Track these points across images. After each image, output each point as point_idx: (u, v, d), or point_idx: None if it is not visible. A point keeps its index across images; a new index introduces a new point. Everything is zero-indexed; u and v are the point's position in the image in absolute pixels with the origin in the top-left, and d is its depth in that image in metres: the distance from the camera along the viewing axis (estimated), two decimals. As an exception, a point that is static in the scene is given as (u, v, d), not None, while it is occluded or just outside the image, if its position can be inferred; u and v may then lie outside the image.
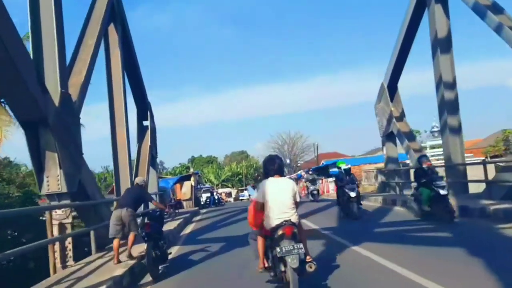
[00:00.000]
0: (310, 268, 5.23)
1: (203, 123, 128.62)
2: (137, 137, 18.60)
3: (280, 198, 5.41)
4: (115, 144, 15.06)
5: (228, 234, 13.08)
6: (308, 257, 5.37)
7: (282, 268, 5.17)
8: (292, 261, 4.97)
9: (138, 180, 9.59)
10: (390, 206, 16.67)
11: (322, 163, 54.31)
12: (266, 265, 5.64)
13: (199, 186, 39.88)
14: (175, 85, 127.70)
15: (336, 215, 14.83)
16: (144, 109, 19.33)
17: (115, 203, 11.01)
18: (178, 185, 28.62)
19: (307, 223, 13.16)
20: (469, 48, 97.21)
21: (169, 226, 14.43)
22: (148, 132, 18.82)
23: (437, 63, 16.44)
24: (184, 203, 27.19)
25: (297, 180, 36.19)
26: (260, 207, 5.55)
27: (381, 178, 22.86)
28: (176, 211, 20.59)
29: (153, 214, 8.80)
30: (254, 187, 16.39)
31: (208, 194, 39.91)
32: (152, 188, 18.50)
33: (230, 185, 72.17)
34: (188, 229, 16.38)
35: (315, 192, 24.09)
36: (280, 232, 5.17)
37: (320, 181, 33.24)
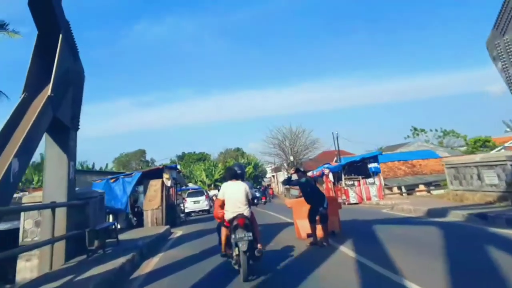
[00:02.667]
0: (258, 253, 6.78)
1: (197, 124, 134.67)
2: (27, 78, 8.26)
3: (234, 196, 7.12)
4: None
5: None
6: (259, 245, 6.90)
7: (236, 252, 6.66)
8: (243, 246, 6.51)
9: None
10: None
11: (334, 160, 44.43)
12: (228, 250, 7.10)
13: (181, 188, 29.89)
14: (171, 88, 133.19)
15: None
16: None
17: None
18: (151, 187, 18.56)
19: None
20: None
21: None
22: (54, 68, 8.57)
23: None
24: (149, 215, 17.19)
25: (321, 178, 26.56)
26: (221, 204, 7.27)
27: None
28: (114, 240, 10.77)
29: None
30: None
31: (199, 198, 30.10)
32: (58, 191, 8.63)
33: (224, 186, 62.23)
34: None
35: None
36: (235, 222, 6.80)
37: (357, 182, 23.45)
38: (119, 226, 17.42)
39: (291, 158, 63.52)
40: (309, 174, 34.13)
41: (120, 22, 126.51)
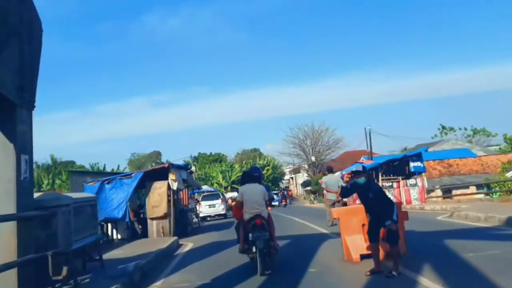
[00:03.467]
0: (273, 251, 7.36)
1: (213, 124, 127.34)
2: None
3: (252, 198, 7.49)
4: None
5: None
6: (274, 243, 7.44)
7: (253, 250, 7.14)
8: (260, 244, 6.96)
9: None
10: None
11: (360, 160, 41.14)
12: (246, 246, 7.39)
13: (193, 191, 27.10)
14: (185, 86, 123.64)
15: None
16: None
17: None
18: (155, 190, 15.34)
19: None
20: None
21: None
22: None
23: None
24: (154, 225, 14.28)
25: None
26: (240, 205, 7.61)
27: None
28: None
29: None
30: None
31: (215, 202, 27.31)
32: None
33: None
34: None
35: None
36: (252, 222, 7.23)
37: (396, 184, 20.26)
38: (119, 237, 14.63)
39: (313, 158, 60.21)
40: (337, 174, 31.02)
41: (130, 14, 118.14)
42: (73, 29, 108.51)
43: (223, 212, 28.48)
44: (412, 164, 19.98)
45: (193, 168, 57.01)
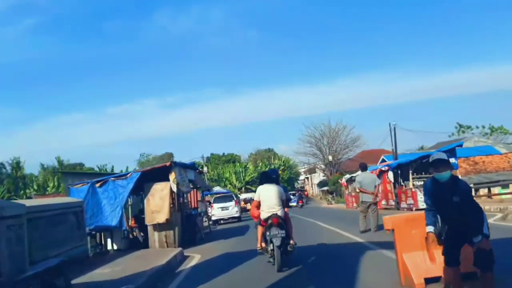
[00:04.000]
0: (290, 248, 7.63)
1: (225, 125, 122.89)
2: None
3: (269, 198, 7.74)
4: None
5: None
6: (291, 241, 7.72)
7: (271, 247, 7.45)
8: (276, 241, 7.28)
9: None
10: None
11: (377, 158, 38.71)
12: (264, 245, 7.75)
13: (206, 193, 25.03)
14: (197, 87, 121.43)
15: None
16: None
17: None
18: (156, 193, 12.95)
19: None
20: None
21: None
22: None
23: None
24: (156, 235, 12.23)
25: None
26: (258, 205, 7.92)
27: None
28: None
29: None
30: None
31: (228, 204, 25.41)
32: None
33: (255, 188, 57.30)
34: None
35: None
36: (269, 221, 7.51)
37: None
38: (115, 247, 12.63)
39: (330, 157, 57.70)
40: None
41: (140, 13, 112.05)
42: (82, 29, 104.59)
43: (237, 214, 26.37)
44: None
45: (205, 169, 55.26)
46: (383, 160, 38.61)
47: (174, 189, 12.17)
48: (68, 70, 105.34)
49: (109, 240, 12.70)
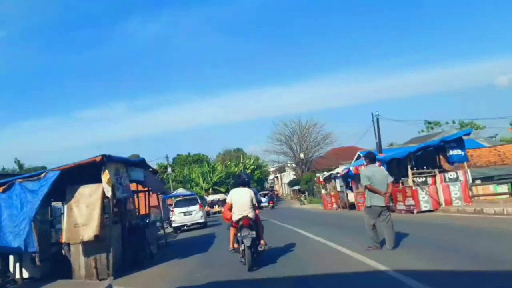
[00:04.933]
0: (260, 248, 7.96)
1: (196, 127, 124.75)
2: None
3: (241, 201, 8.05)
4: None
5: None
6: (262, 241, 8.09)
7: (242, 247, 7.72)
8: (247, 242, 7.57)
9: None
10: None
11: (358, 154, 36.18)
12: (236, 245, 8.07)
13: (167, 196, 21.67)
14: (168, 90, 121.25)
15: None
16: None
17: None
18: (81, 199, 9.44)
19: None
20: None
21: None
22: None
23: None
24: (79, 256, 8.76)
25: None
26: (230, 207, 8.19)
27: None
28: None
29: None
30: None
31: (191, 208, 22.35)
32: None
33: (224, 190, 53.70)
34: None
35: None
36: (240, 223, 7.79)
37: (431, 179, 15.09)
38: (25, 275, 9.14)
39: (301, 155, 55.03)
40: (339, 170, 25.80)
41: (112, 19, 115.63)
42: (55, 37, 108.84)
43: (201, 220, 22.99)
44: (451, 152, 14.88)
45: (168, 170, 51.43)
46: (359, 157, 36.01)
47: (108, 194, 8.75)
48: (40, 76, 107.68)
49: (17, 265, 9.16)
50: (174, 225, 22.67)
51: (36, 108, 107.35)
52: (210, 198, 50.41)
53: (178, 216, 22.57)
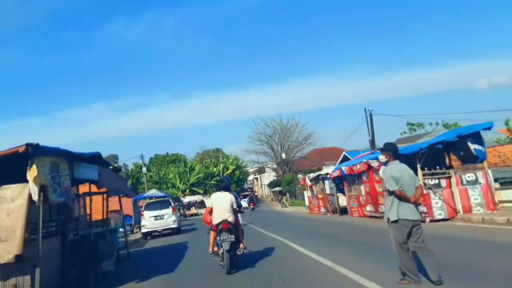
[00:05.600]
0: (239, 252, 8.17)
1: (174, 127, 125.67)
2: None
3: (221, 205, 8.18)
4: None
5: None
6: (241, 244, 8.29)
7: (221, 251, 7.84)
8: (226, 245, 7.72)
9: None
10: None
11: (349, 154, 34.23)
12: (215, 249, 8.11)
13: (137, 198, 19.43)
14: (147, 91, 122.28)
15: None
16: None
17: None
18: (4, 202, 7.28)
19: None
20: None
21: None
22: None
23: None
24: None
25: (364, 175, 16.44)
26: (210, 211, 8.36)
27: None
28: None
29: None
30: None
31: (163, 212, 20.18)
32: None
33: (201, 191, 51.25)
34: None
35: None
36: (220, 226, 7.92)
37: (445, 181, 12.91)
38: None
39: (283, 155, 52.98)
40: (328, 171, 23.67)
41: (94, 22, 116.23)
42: (38, 38, 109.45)
43: (174, 225, 20.64)
44: (472, 147, 12.91)
45: (143, 170, 48.58)
46: (346, 157, 33.98)
47: (35, 197, 6.41)
48: (20, 78, 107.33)
49: None
50: (143, 230, 20.30)
51: (19, 108, 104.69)
52: (187, 199, 47.92)
53: (148, 221, 20.20)
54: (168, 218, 20.35)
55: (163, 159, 71.48)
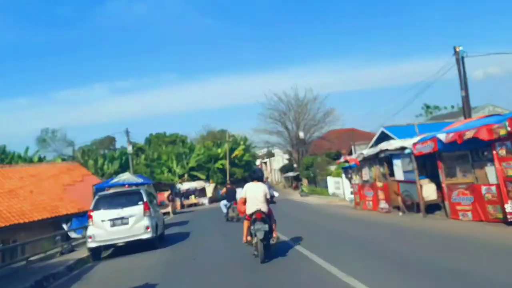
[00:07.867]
0: (273, 241, 8.36)
1: (179, 110, 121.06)
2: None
3: (254, 195, 8.45)
4: None
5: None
6: (274, 234, 8.46)
7: (255, 240, 8.10)
8: (260, 235, 7.96)
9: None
10: None
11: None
12: (249, 238, 8.36)
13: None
14: (151, 73, 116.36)
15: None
16: None
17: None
18: None
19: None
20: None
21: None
22: None
23: None
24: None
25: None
26: (244, 201, 8.64)
27: None
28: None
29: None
30: None
31: (125, 212, 11.53)
32: None
33: (203, 176, 42.94)
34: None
35: None
36: (254, 216, 8.18)
37: None
38: None
39: (301, 134, 44.30)
40: (368, 152, 15.18)
41: None
42: (34, 11, 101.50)
43: (145, 235, 12.12)
44: None
45: (129, 148, 39.63)
46: (384, 136, 25.28)
47: None
48: (14, 53, 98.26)
49: None
50: (91, 244, 11.91)
51: (8, 86, 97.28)
52: (185, 186, 39.79)
53: (100, 228, 11.85)
54: (135, 223, 11.97)
55: (162, 139, 63.06)
